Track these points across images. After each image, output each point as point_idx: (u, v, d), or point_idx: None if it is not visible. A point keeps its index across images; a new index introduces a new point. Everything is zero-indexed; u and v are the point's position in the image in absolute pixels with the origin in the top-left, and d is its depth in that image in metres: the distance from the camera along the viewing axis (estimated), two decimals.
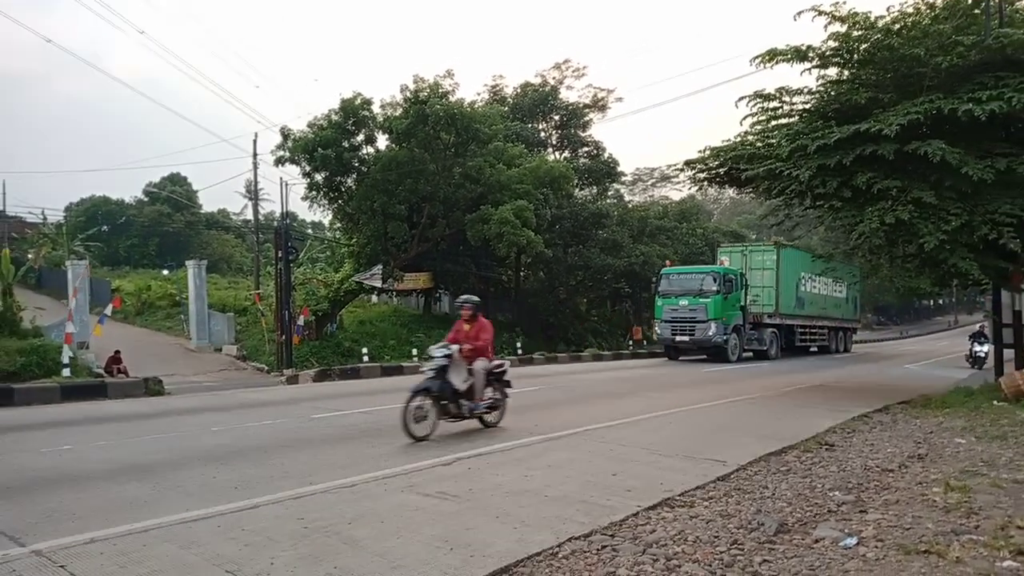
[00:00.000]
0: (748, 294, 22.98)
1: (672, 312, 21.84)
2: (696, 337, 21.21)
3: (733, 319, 21.57)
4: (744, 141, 12.64)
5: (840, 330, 29.70)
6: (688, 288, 21.77)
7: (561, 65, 35.31)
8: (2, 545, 4.05)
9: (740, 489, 5.48)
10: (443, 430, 7.82)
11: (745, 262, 24.07)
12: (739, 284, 22.07)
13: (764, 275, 23.93)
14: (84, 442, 7.49)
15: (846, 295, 30.01)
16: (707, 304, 20.92)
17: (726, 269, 22.26)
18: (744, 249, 25.15)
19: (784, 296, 24.10)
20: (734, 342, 21.65)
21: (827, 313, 27.87)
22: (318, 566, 3.70)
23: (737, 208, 71.55)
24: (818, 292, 26.98)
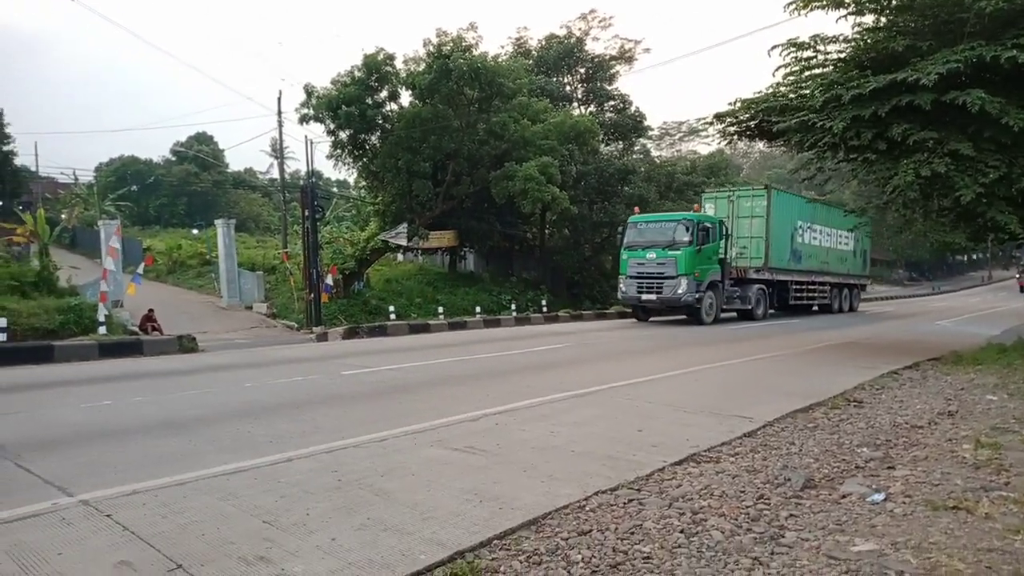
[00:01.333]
0: (734, 246, 20.87)
1: (638, 267, 19.25)
2: (664, 295, 18.66)
3: (708, 274, 18.98)
4: (776, 92, 12.32)
5: (845, 287, 27.02)
6: (657, 239, 19.04)
7: (587, 15, 34.45)
8: (52, 495, 4.23)
9: (766, 445, 5.50)
10: (470, 385, 7.91)
11: (732, 209, 21.41)
12: (717, 234, 19.54)
13: (753, 224, 21.18)
14: (122, 398, 7.72)
15: (852, 248, 27.27)
16: (677, 258, 18.35)
17: (702, 216, 19.53)
18: (731, 194, 22.03)
19: (775, 248, 21.38)
20: (709, 301, 19.16)
21: (829, 268, 25.25)
22: (352, 517, 3.82)
23: (767, 162, 70.23)
24: (818, 244, 24.39)
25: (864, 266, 28.94)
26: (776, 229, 21.28)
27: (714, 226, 19.50)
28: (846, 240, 26.42)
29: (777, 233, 21.33)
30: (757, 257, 21.03)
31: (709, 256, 19.11)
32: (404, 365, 10.44)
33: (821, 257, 24.54)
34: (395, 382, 8.95)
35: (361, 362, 10.87)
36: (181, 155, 53.78)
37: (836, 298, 26.23)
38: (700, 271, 18.62)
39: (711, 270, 19.15)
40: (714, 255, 19.39)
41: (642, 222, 19.92)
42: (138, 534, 3.56)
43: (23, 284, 15.21)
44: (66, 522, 3.76)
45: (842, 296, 26.73)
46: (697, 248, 18.46)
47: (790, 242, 22.33)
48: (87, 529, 3.65)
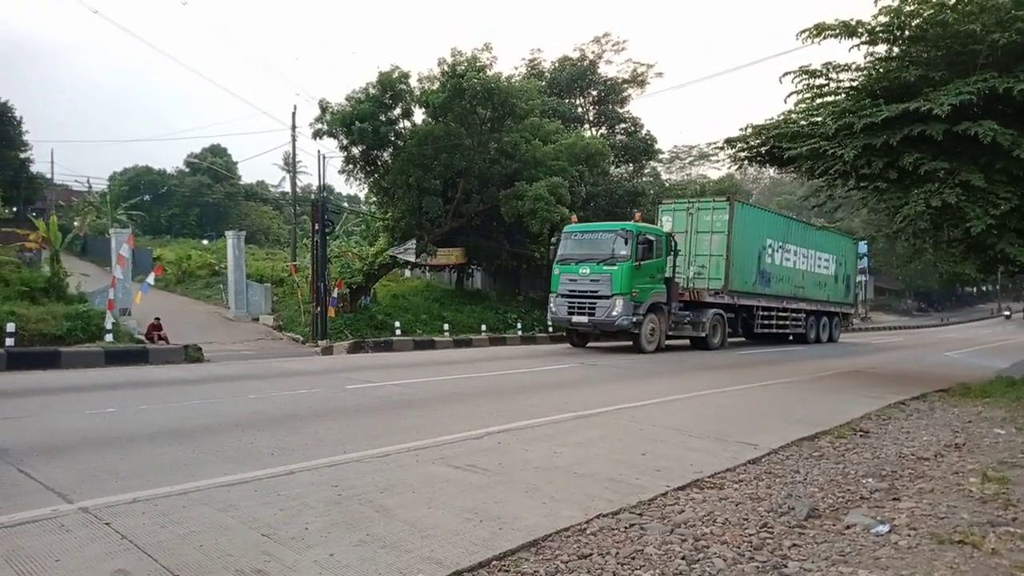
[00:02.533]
0: (692, 264, 18.92)
1: (570, 283, 16.71)
2: (597, 317, 16.11)
3: (650, 294, 16.47)
4: (788, 119, 12.36)
5: (824, 315, 24.66)
6: (592, 253, 16.56)
7: (601, 39, 34.78)
8: (52, 501, 4.23)
9: (771, 473, 5.45)
10: (474, 403, 7.89)
11: (690, 223, 19.16)
12: (663, 248, 17.07)
13: (713, 240, 18.82)
14: (126, 405, 7.73)
15: (833, 272, 24.99)
16: (613, 274, 15.95)
17: (644, 227, 16.81)
18: (690, 206, 19.65)
19: (738, 269, 19.08)
20: (652, 326, 16.71)
21: (804, 293, 22.80)
22: (351, 533, 3.79)
23: (777, 188, 70.28)
24: (792, 266, 21.96)
25: (847, 292, 26.75)
26: (740, 247, 19.05)
27: (658, 239, 17.07)
28: (826, 263, 24.37)
29: (741, 251, 19.13)
30: (717, 278, 18.78)
31: (652, 273, 16.73)
32: (408, 381, 10.43)
33: (795, 281, 22.25)
34: (399, 397, 8.93)
35: (366, 376, 10.86)
36: (194, 166, 54.29)
37: (813, 327, 23.97)
38: (640, 290, 16.20)
39: (653, 290, 16.70)
40: (658, 272, 17.01)
41: (577, 232, 17.47)
42: (136, 543, 3.55)
43: (33, 290, 15.33)
44: (65, 529, 3.75)
45: (820, 325, 24.50)
46: (636, 263, 16.03)
47: (757, 262, 20.06)
48: (85, 536, 3.64)
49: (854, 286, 27.39)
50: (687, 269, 18.80)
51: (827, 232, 24.99)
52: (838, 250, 25.25)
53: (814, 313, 23.72)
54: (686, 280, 18.86)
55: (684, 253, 18.82)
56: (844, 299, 26.32)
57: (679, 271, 18.46)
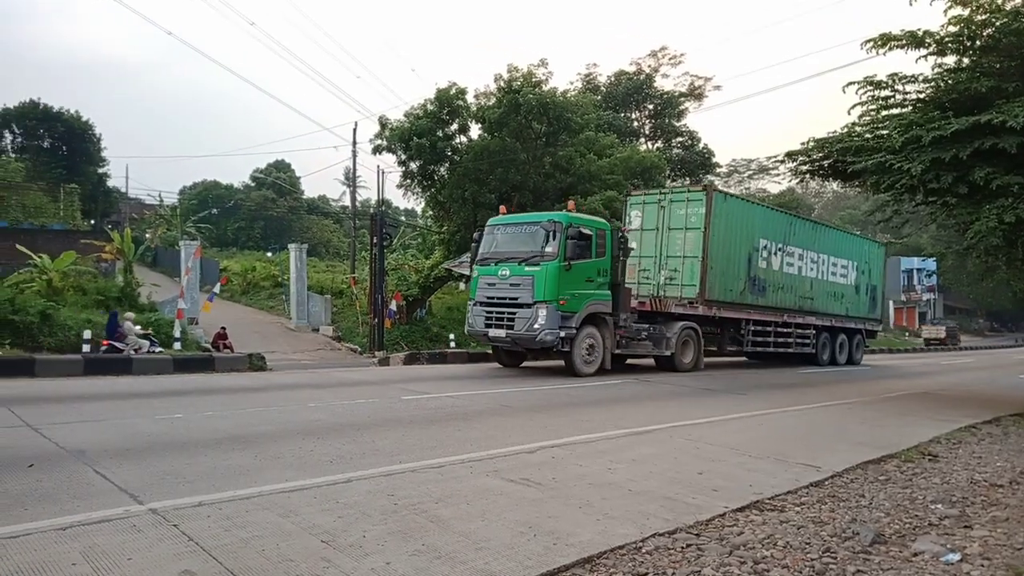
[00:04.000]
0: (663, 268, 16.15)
1: (488, 288, 13.75)
2: (516, 331, 13.01)
3: (586, 303, 13.24)
4: (851, 132, 12.06)
5: (841, 332, 21.08)
6: (514, 250, 13.53)
7: (657, 53, 34.72)
8: (124, 502, 4.41)
9: (834, 496, 5.29)
10: (527, 416, 7.90)
11: (662, 218, 16.30)
12: (606, 245, 13.85)
13: (687, 239, 15.83)
14: (193, 411, 8.02)
15: (854, 281, 21.39)
16: (535, 277, 12.82)
17: (577, 218, 13.59)
18: (662, 198, 16.56)
19: (719, 273, 15.93)
20: (589, 342, 13.45)
21: (814, 306, 19.40)
22: (407, 542, 3.85)
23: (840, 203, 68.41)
24: (796, 272, 18.60)
25: (872, 306, 23.00)
26: (721, 248, 15.98)
27: (600, 234, 13.79)
28: (843, 270, 20.88)
29: (723, 253, 16.06)
30: (691, 284, 15.73)
31: (590, 276, 13.44)
32: (462, 393, 10.51)
33: (800, 290, 18.90)
34: (453, 409, 9.01)
35: (421, 388, 11.00)
36: (260, 181, 56.15)
37: (827, 346, 20.56)
38: (571, 297, 13.00)
39: (592, 297, 13.40)
40: (600, 276, 13.66)
41: (500, 225, 14.27)
42: (202, 545, 3.67)
43: (108, 299, 16.08)
44: (136, 529, 3.91)
45: (836, 344, 21.05)
46: (565, 264, 12.79)
47: (746, 267, 16.86)
48: (155, 537, 3.79)
49: (881, 298, 23.80)
50: (657, 274, 16.11)
51: (844, 234, 22.36)
52: (859, 255, 21.78)
53: (827, 329, 20.37)
54: (656, 287, 16.22)
55: (655, 255, 16.31)
56: (868, 313, 22.68)
57: (648, 276, 16.27)
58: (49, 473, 5.04)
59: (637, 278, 16.32)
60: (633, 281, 15.98)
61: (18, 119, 40.33)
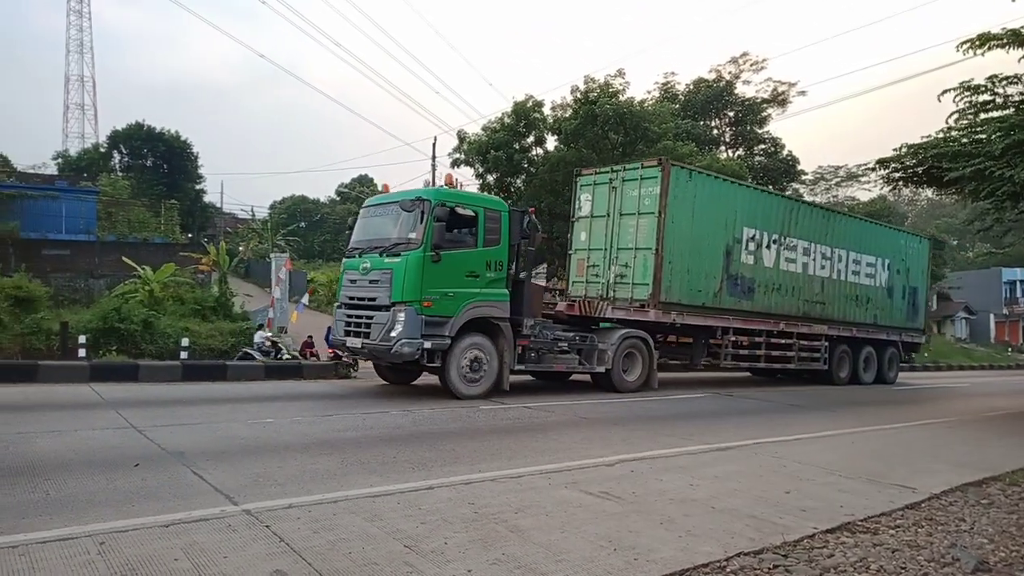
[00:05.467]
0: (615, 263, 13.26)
1: (350, 287, 11.17)
2: (371, 339, 10.28)
3: (465, 306, 10.25)
4: (947, 137, 11.48)
5: (867, 344, 17.51)
6: (379, 237, 10.91)
7: (738, 59, 33.96)
8: (220, 502, 4.63)
9: (932, 520, 5.01)
10: (605, 428, 7.82)
11: (614, 202, 13.36)
12: (497, 229, 10.76)
13: (640, 227, 12.84)
14: (283, 417, 8.34)
15: (886, 282, 17.80)
16: (394, 270, 10.10)
17: (449, 194, 10.60)
18: (613, 176, 13.51)
19: (682, 270, 12.95)
20: (472, 355, 10.48)
21: (825, 312, 16.09)
22: (488, 550, 3.88)
23: (936, 211, 64.92)
24: (799, 271, 15.39)
25: (912, 313, 18.95)
26: (683, 237, 12.97)
27: (493, 214, 10.74)
28: (870, 269, 17.34)
29: (686, 244, 13.06)
30: (643, 283, 12.72)
31: (473, 270, 10.41)
32: (539, 403, 10.51)
33: (806, 292, 15.63)
34: (530, 420, 9.03)
35: (499, 398, 11.06)
36: (345, 195, 58.08)
37: (844, 361, 16.99)
38: (442, 297, 10.04)
39: (476, 297, 10.40)
40: (490, 269, 10.58)
41: (372, 206, 11.57)
42: (292, 546, 3.81)
43: (204, 308, 16.96)
44: (231, 528, 4.10)
45: (860, 358, 17.33)
46: (432, 253, 9.91)
47: (723, 262, 13.76)
48: (248, 537, 3.96)
49: (925, 304, 19.87)
50: (606, 271, 13.44)
51: (871, 224, 18.52)
52: (893, 251, 18.21)
53: (846, 341, 16.90)
54: (605, 287, 13.44)
55: (604, 247, 13.53)
56: (906, 322, 18.78)
57: (596, 274, 13.63)
58: (152, 472, 5.35)
59: (586, 276, 13.90)
60: (581, 279, 14.01)
61: (125, 140, 43.23)
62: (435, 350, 10.12)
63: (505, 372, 10.92)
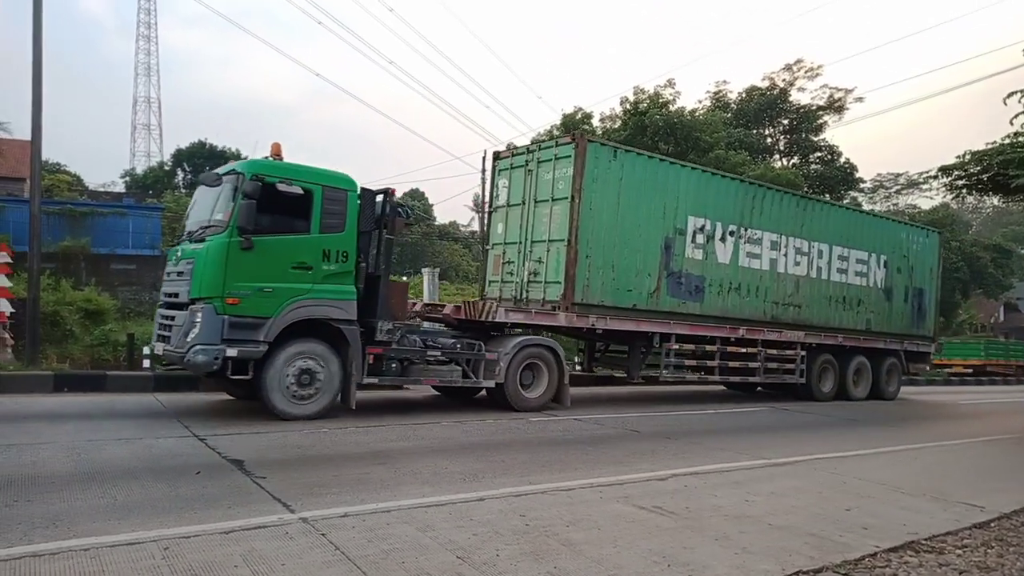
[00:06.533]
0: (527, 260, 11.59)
1: (166, 281, 9.37)
2: (171, 345, 8.54)
3: (287, 305, 8.30)
4: (1015, 143, 11.07)
5: (856, 354, 15.15)
6: (198, 219, 9.02)
7: (792, 66, 33.39)
8: (278, 510, 4.74)
9: (1002, 540, 4.80)
10: (657, 442, 7.72)
11: (529, 188, 11.64)
12: (340, 211, 8.78)
13: (554, 215, 11.12)
14: (338, 426, 8.46)
15: (881, 283, 15.61)
16: (196, 259, 8.30)
17: (266, 166, 8.51)
18: (529, 158, 11.77)
19: (606, 265, 11.18)
20: (299, 367, 8.49)
21: (802, 316, 14.02)
22: (539, 563, 3.88)
23: (1002, 218, 62.39)
24: (763, 268, 13.33)
25: (918, 318, 16.62)
26: (605, 227, 11.16)
27: (333, 193, 8.73)
28: (860, 266, 15.16)
29: (609, 235, 11.24)
30: (555, 281, 11.00)
31: (303, 261, 8.47)
32: (590, 416, 10.45)
33: (776, 293, 13.63)
34: (581, 432, 8.99)
35: (548, 410, 11.04)
36: None
37: (827, 373, 14.73)
38: (253, 294, 8.14)
39: (307, 295, 8.44)
40: (328, 260, 8.62)
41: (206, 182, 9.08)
42: (347, 555, 3.88)
43: None
44: (288, 536, 4.19)
45: (847, 371, 15.01)
46: (241, 239, 8.06)
47: (661, 257, 11.86)
48: (305, 545, 4.04)
49: (931, 307, 17.10)
50: (521, 268, 11.77)
51: (859, 214, 16.23)
52: (890, 246, 15.87)
53: (831, 350, 14.65)
54: (519, 287, 11.79)
55: (519, 240, 11.82)
56: (909, 328, 16.38)
57: (512, 272, 11.94)
58: (213, 480, 5.51)
59: (501, 274, 12.28)
60: (497, 279, 12.41)
61: (188, 158, 45.00)
62: (244, 359, 8.12)
63: (351, 387, 8.94)
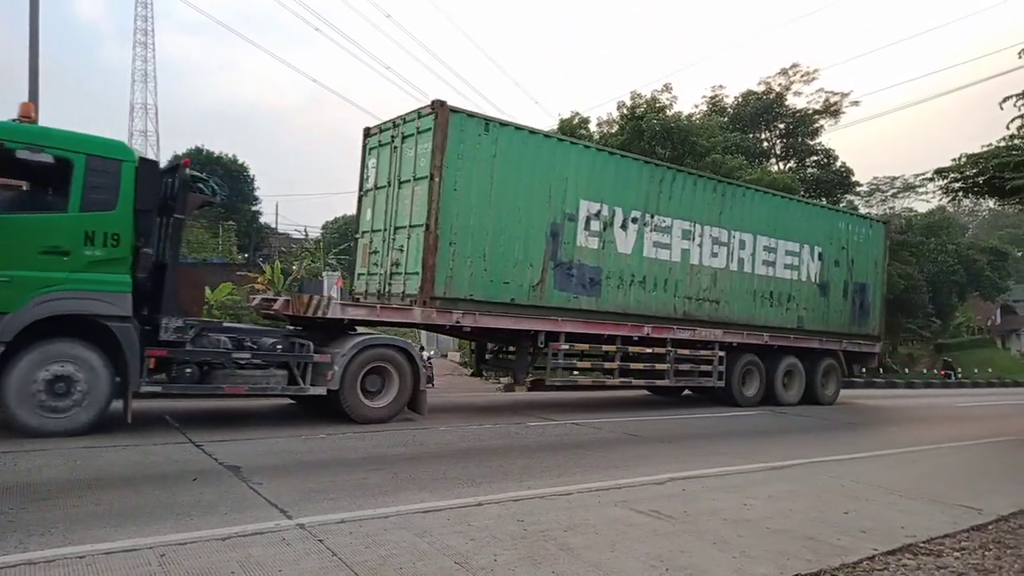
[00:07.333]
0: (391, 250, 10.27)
1: None
2: None
3: (31, 296, 6.75)
4: (1010, 146, 11.12)
5: (786, 355, 13.84)
6: None
7: (788, 70, 33.39)
8: (275, 516, 4.73)
9: (1000, 543, 4.80)
10: (655, 446, 7.71)
11: (394, 167, 10.36)
12: (109, 185, 7.15)
13: (415, 197, 9.81)
14: (335, 432, 8.45)
15: (816, 276, 14.35)
16: None
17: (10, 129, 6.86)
18: (395, 135, 10.45)
19: (476, 254, 9.93)
20: (53, 372, 6.93)
21: (721, 313, 12.79)
22: (537, 568, 3.87)
23: (998, 221, 62.60)
24: (673, 260, 12.08)
25: (860, 315, 15.38)
26: (474, 210, 9.94)
27: (101, 163, 7.16)
28: (790, 258, 13.90)
29: (482, 221, 10.01)
30: (415, 272, 9.72)
31: (53, 242, 6.95)
32: (588, 420, 10.45)
33: (690, 287, 12.36)
34: (579, 436, 8.98)
35: (546, 414, 11.04)
36: None
37: (752, 376, 13.48)
38: None
39: (58, 286, 6.94)
40: (86, 245, 7.08)
41: None
42: (344, 560, 3.87)
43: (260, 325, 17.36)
44: (285, 542, 4.17)
45: (776, 373, 13.69)
46: None
47: (547, 246, 10.59)
48: (302, 551, 4.03)
49: (876, 303, 15.83)
50: (385, 259, 10.47)
51: (789, 201, 14.69)
52: (826, 237, 14.61)
53: (756, 350, 13.38)
54: (383, 280, 10.50)
55: (384, 227, 10.56)
56: (849, 326, 15.15)
57: (377, 263, 10.66)
58: (210, 486, 5.49)
59: (368, 266, 11.04)
60: (364, 271, 11.20)
61: None
62: None
63: (127, 396, 7.48)
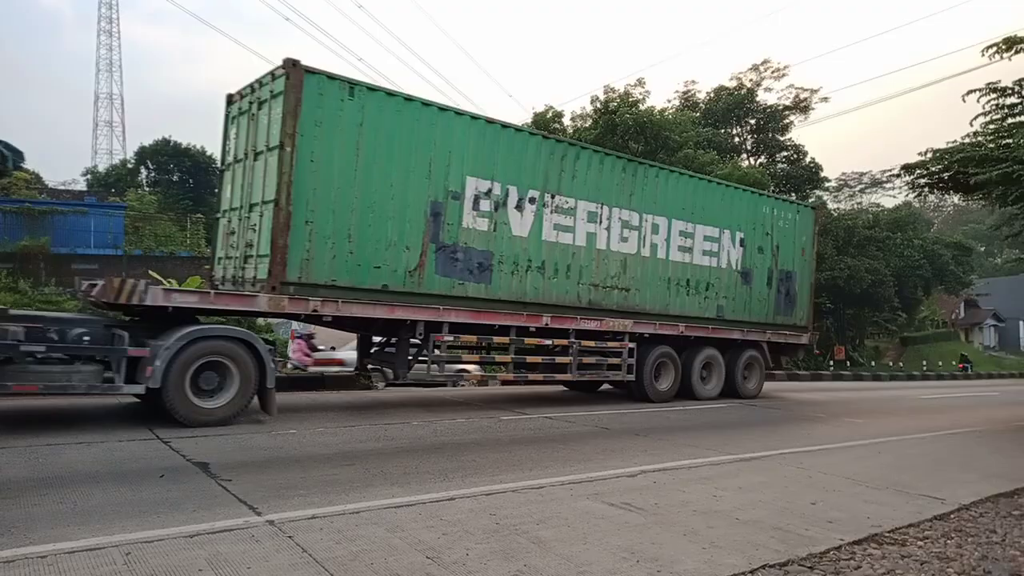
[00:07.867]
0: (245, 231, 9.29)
1: None
2: None
3: None
4: (974, 142, 11.34)
5: (705, 346, 13.13)
6: None
7: (759, 66, 33.86)
8: (244, 513, 4.67)
9: (961, 531, 4.92)
10: (627, 439, 7.77)
11: (251, 137, 9.37)
12: None
13: (268, 170, 8.75)
14: (306, 427, 8.39)
15: (738, 263, 13.64)
16: None
17: None
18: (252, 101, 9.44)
19: (338, 234, 8.94)
20: None
21: (631, 302, 12.02)
22: (509, 562, 3.87)
23: (963, 216, 64.03)
24: (577, 244, 11.26)
25: (785, 304, 14.60)
26: (336, 183, 8.92)
27: None
28: (709, 244, 13.14)
29: (346, 197, 9.00)
30: (265, 255, 8.72)
31: None
32: (561, 414, 10.48)
33: (595, 274, 11.55)
34: (552, 430, 9.00)
35: (519, 408, 11.06)
36: None
37: (665, 369, 12.69)
38: None
39: None
40: None
41: None
42: (315, 557, 3.83)
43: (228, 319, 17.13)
44: (255, 539, 4.12)
45: (693, 365, 12.95)
46: None
47: (428, 226, 9.67)
48: (272, 548, 3.98)
49: (803, 292, 15.07)
50: (240, 240, 9.51)
51: (708, 183, 13.75)
52: (749, 222, 13.82)
53: (670, 341, 12.64)
54: (238, 264, 9.58)
55: (240, 204, 9.61)
56: (773, 316, 14.40)
57: (233, 243, 9.77)
58: (177, 483, 5.41)
59: (226, 248, 10.10)
60: (223, 254, 10.26)
61: (152, 156, 43.97)
62: None
63: None
